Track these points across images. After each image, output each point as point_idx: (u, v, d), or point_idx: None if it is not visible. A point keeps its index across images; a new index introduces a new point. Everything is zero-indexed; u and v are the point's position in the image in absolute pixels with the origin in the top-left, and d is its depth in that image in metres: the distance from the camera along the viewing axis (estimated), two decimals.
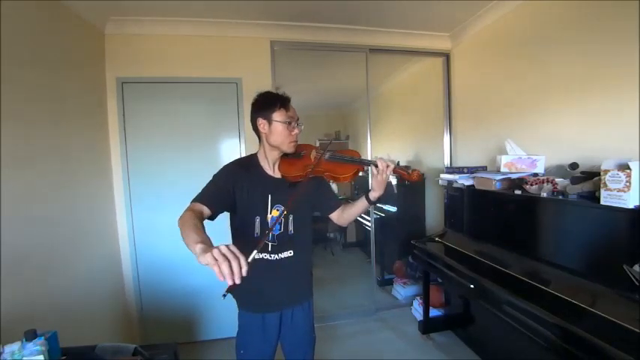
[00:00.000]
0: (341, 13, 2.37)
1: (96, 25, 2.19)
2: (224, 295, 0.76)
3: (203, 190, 1.16)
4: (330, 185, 1.39)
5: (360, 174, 1.36)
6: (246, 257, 0.76)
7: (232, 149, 2.51)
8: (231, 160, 1.27)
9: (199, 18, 2.35)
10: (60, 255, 1.72)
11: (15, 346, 0.94)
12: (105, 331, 2.10)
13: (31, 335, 0.96)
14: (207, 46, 2.44)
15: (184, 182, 2.39)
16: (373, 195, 1.22)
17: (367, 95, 2.88)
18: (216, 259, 0.72)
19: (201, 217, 1.03)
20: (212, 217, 1.12)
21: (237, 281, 0.71)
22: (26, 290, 1.46)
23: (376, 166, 1.15)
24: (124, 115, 2.34)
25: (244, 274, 0.73)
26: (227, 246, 0.76)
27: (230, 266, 0.71)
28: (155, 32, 2.35)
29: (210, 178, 1.20)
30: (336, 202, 1.38)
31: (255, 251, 0.80)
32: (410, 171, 1.20)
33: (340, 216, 1.36)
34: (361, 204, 1.27)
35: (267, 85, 2.50)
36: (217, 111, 2.49)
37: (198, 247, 0.79)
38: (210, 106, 2.48)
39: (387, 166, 1.15)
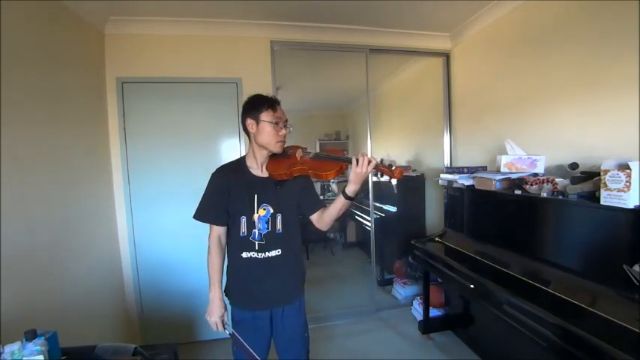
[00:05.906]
0: (341, 13, 2.37)
1: (96, 25, 2.19)
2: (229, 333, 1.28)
3: (203, 207, 1.26)
4: (313, 186, 1.37)
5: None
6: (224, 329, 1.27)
7: (232, 149, 2.51)
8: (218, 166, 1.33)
9: (199, 18, 2.35)
10: (60, 255, 1.72)
11: (15, 346, 0.94)
12: (105, 331, 2.10)
13: (31, 335, 0.96)
14: (207, 46, 2.44)
15: (184, 182, 2.38)
16: (349, 189, 1.16)
17: (367, 95, 2.88)
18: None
19: (223, 248, 1.29)
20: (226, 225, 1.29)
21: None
22: (26, 290, 1.46)
23: (357, 160, 1.11)
24: (124, 115, 2.34)
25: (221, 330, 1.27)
26: (215, 322, 1.26)
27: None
28: (155, 32, 2.35)
29: (204, 192, 1.27)
30: (317, 204, 1.33)
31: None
32: (393, 168, 1.12)
33: (320, 218, 1.31)
34: (338, 201, 1.22)
35: (267, 85, 2.50)
36: (217, 111, 2.49)
37: (210, 296, 1.28)
38: (210, 106, 2.48)
39: (369, 162, 1.10)
